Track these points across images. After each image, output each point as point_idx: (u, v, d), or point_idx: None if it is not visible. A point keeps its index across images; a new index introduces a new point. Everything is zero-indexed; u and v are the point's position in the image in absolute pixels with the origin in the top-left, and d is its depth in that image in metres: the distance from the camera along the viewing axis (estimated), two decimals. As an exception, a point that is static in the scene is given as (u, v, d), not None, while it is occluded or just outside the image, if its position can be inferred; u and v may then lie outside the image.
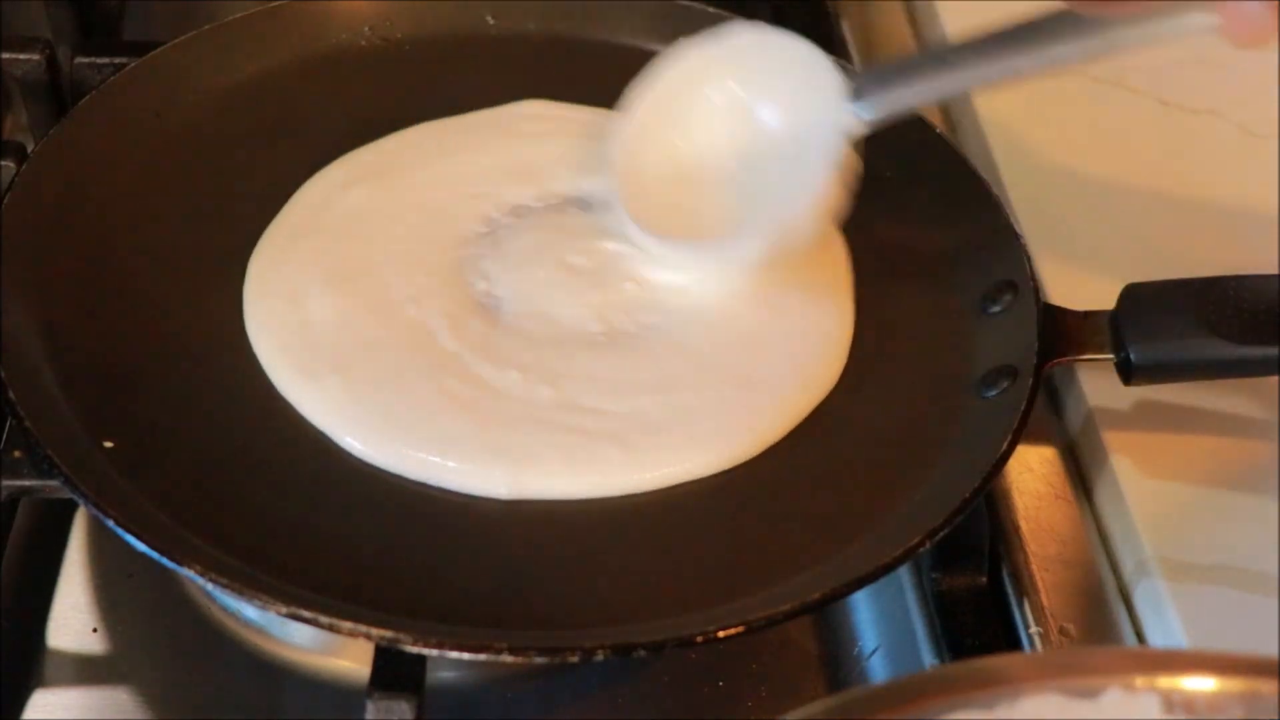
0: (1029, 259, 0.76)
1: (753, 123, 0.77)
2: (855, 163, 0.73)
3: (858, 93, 0.72)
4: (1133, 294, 0.72)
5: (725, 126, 0.77)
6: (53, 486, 0.65)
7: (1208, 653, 0.56)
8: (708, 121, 0.77)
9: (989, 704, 0.48)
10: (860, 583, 0.63)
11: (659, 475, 0.68)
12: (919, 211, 0.81)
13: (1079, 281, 0.79)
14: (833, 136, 0.72)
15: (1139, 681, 0.49)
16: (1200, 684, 0.49)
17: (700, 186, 0.77)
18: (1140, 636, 0.70)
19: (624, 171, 0.77)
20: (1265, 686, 0.49)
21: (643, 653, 0.61)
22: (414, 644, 0.59)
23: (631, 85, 0.79)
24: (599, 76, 0.86)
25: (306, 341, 0.71)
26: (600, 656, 0.60)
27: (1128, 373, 0.71)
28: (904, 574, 0.75)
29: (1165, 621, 0.69)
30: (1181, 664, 0.50)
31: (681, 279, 0.75)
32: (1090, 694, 0.49)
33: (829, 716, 0.48)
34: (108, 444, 0.66)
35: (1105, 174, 0.90)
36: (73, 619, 0.74)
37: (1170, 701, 0.49)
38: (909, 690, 0.49)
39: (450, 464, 0.67)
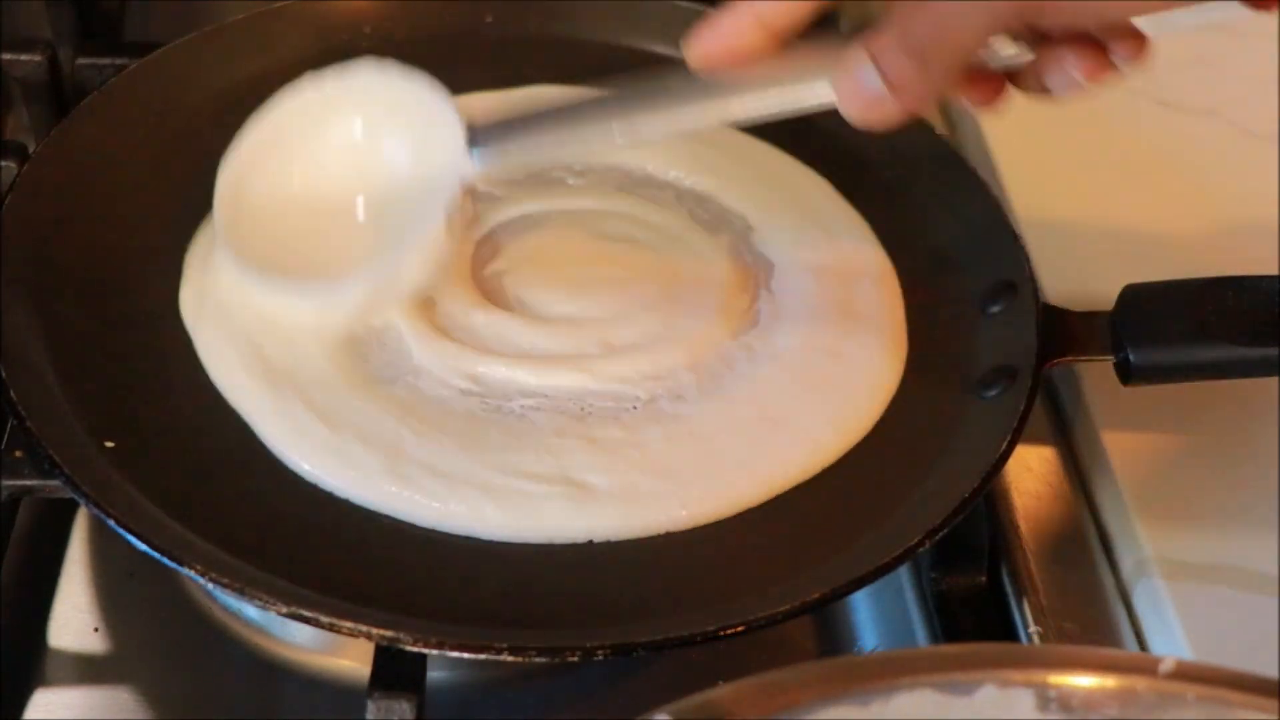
0: (1029, 259, 0.76)
1: (374, 162, 0.75)
2: (469, 209, 0.74)
3: (475, 140, 0.70)
4: (1132, 294, 0.72)
5: (344, 164, 0.75)
6: (53, 486, 0.65)
7: (1083, 650, 0.57)
8: (326, 157, 0.75)
9: (864, 700, 0.48)
10: (860, 583, 0.63)
11: (668, 521, 0.68)
12: (919, 212, 0.81)
13: (1079, 281, 0.79)
14: (451, 182, 0.71)
15: (1014, 677, 0.49)
16: (1075, 680, 0.49)
17: (317, 224, 0.74)
18: (1139, 636, 0.70)
19: (227, 203, 0.73)
20: (1140, 684, 0.49)
21: (642, 653, 0.61)
22: (414, 644, 0.59)
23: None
24: (599, 77, 0.87)
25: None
26: (600, 656, 0.60)
27: (1127, 373, 0.71)
28: (903, 574, 0.75)
29: (1164, 621, 0.69)
30: (1056, 661, 0.50)
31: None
32: (965, 690, 0.49)
33: (701, 715, 0.48)
34: (108, 444, 0.66)
35: (1105, 174, 0.90)
36: (73, 619, 0.74)
37: (1045, 698, 0.49)
38: (781, 686, 0.49)
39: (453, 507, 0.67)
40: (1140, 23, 0.64)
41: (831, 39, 0.64)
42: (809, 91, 0.64)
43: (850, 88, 0.62)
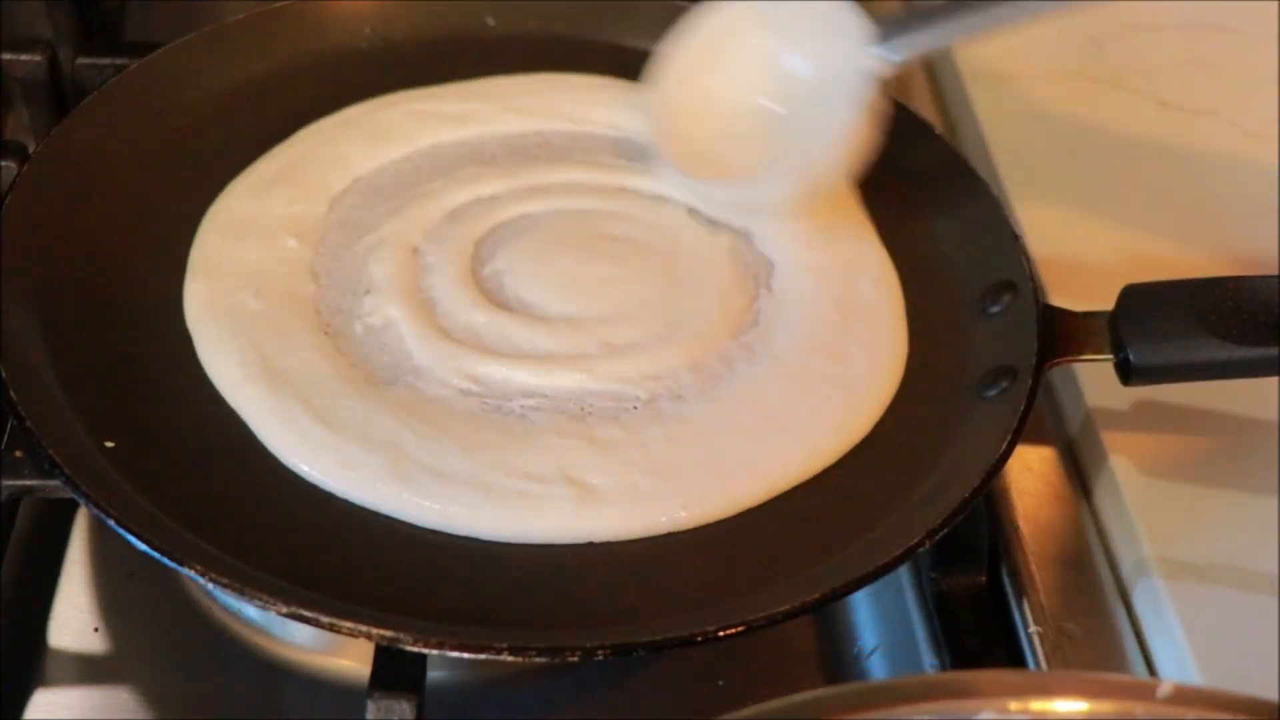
0: (1029, 259, 0.76)
1: (783, 70, 0.80)
2: (884, 105, 0.76)
3: (882, 36, 0.75)
4: (1132, 294, 0.72)
5: (758, 74, 0.80)
6: (53, 486, 0.65)
7: (1081, 675, 0.57)
8: (740, 70, 0.81)
9: None
10: (860, 582, 0.63)
11: (665, 522, 0.68)
12: (919, 212, 0.81)
13: (1079, 281, 0.79)
14: (858, 80, 0.75)
15: (1012, 705, 0.49)
16: (1072, 707, 0.49)
17: (736, 132, 0.80)
18: (1139, 636, 0.70)
19: (662, 118, 0.80)
20: (1138, 709, 0.49)
21: (642, 653, 0.61)
22: (414, 644, 0.59)
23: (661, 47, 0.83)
24: (600, 78, 0.87)
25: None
26: (600, 656, 0.60)
27: (1127, 373, 0.71)
28: (903, 573, 0.75)
29: (1164, 621, 0.69)
30: (1053, 687, 0.50)
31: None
32: (964, 718, 0.49)
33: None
34: (108, 444, 0.66)
35: (1105, 174, 0.90)
36: (74, 618, 0.74)
37: None
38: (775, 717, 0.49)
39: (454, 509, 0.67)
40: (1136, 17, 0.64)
41: None
42: None
43: None
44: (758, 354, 0.73)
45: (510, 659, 0.59)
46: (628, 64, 0.86)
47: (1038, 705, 0.49)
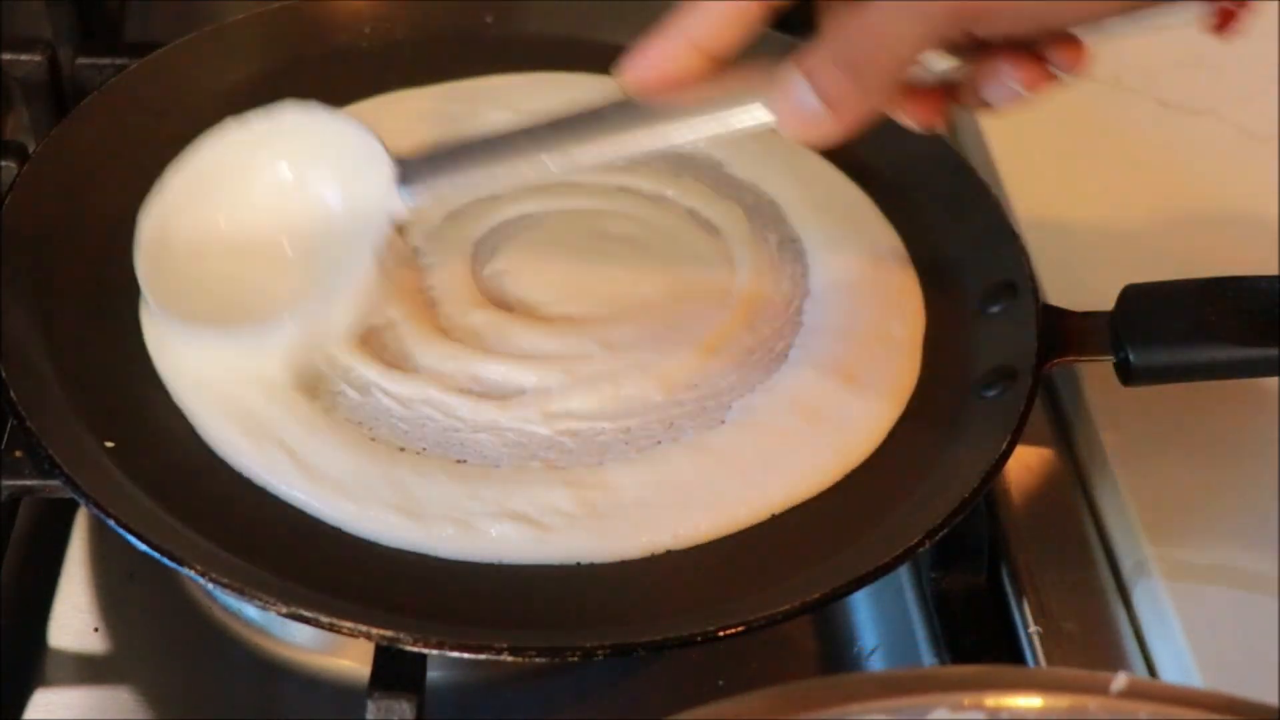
0: (1029, 259, 0.76)
1: (302, 203, 0.73)
2: (402, 246, 0.73)
3: (404, 178, 0.70)
4: (1132, 295, 0.72)
5: (271, 205, 0.73)
6: (53, 486, 0.65)
7: (1033, 671, 0.56)
8: (252, 199, 0.73)
9: None
10: (860, 582, 0.63)
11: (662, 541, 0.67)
12: (919, 212, 0.81)
13: (1079, 281, 0.79)
14: (379, 221, 0.70)
15: (966, 700, 0.49)
16: (1027, 702, 0.49)
17: (245, 268, 0.73)
18: (1139, 636, 0.70)
19: (150, 252, 0.71)
20: (1092, 703, 0.49)
21: (642, 653, 0.61)
22: (414, 644, 0.59)
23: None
24: (601, 77, 0.87)
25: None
26: (600, 656, 0.60)
27: (1127, 373, 0.71)
28: (903, 573, 0.75)
29: (1164, 621, 0.69)
30: (1007, 682, 0.50)
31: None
32: (917, 714, 0.49)
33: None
34: (108, 444, 0.66)
35: (1105, 174, 0.90)
36: (74, 619, 0.74)
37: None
38: (730, 713, 0.48)
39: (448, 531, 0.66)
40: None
41: (767, 58, 0.63)
42: (747, 113, 0.63)
43: (787, 107, 0.60)
44: (772, 379, 0.73)
45: (510, 659, 0.59)
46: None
47: (991, 701, 0.49)
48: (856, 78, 0.59)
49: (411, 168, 0.70)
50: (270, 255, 0.73)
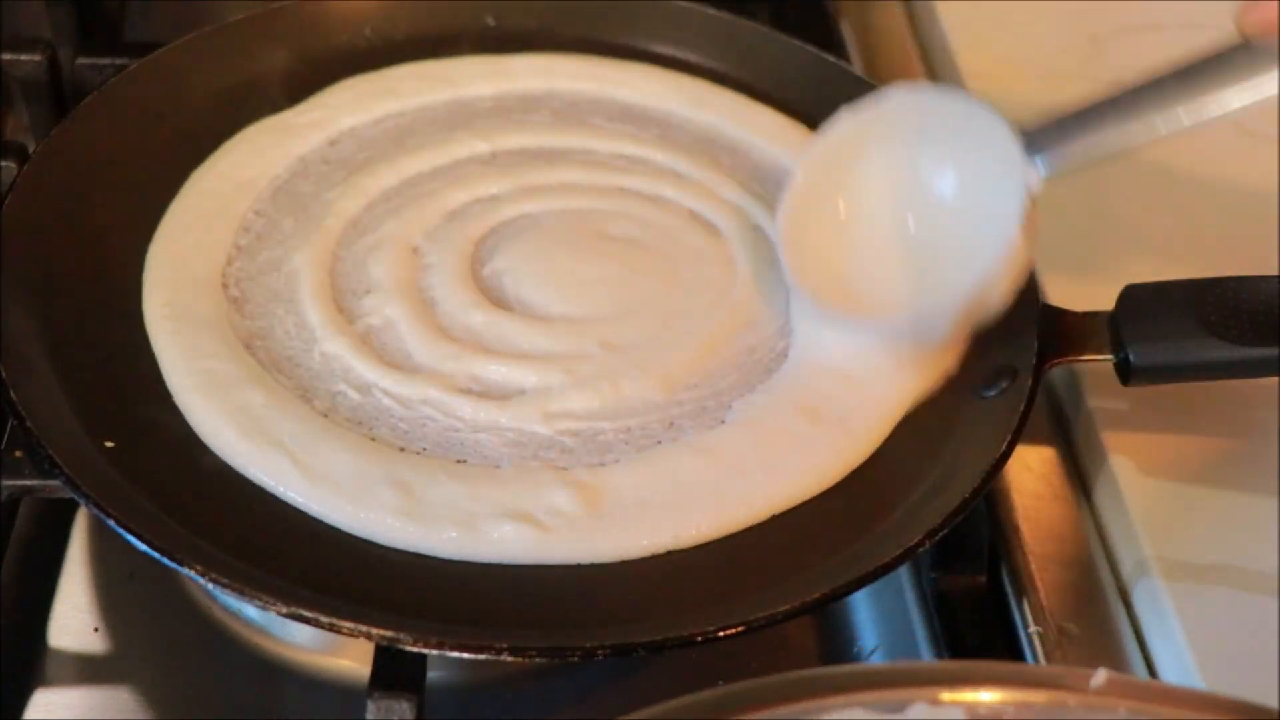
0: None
1: (924, 188, 0.74)
2: (1037, 218, 0.70)
3: (1034, 146, 0.69)
4: (1132, 294, 0.72)
5: (893, 193, 0.74)
6: (53, 486, 0.65)
7: (1012, 666, 0.56)
8: (874, 188, 0.75)
9: None
10: (860, 583, 0.63)
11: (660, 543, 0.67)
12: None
13: (1079, 281, 0.79)
14: (1015, 197, 0.69)
15: (944, 695, 0.49)
16: (1005, 696, 0.49)
17: (867, 256, 0.74)
18: (1139, 636, 0.70)
19: (790, 242, 0.75)
20: (1070, 699, 0.49)
21: (643, 653, 0.61)
22: (414, 644, 0.59)
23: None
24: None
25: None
26: (600, 656, 0.60)
27: (1127, 373, 0.71)
28: (903, 573, 0.75)
29: (1164, 621, 0.69)
30: (986, 678, 0.50)
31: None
32: (895, 709, 0.49)
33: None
34: (108, 444, 0.66)
35: (1105, 174, 0.90)
36: (74, 619, 0.74)
37: (975, 715, 0.49)
38: (708, 706, 0.49)
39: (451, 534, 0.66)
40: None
41: None
42: None
43: None
44: (772, 378, 0.73)
45: (510, 659, 0.59)
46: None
47: (969, 696, 0.49)
48: None
49: (1038, 136, 0.69)
50: (894, 241, 0.74)
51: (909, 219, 0.74)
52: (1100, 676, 0.49)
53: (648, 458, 0.69)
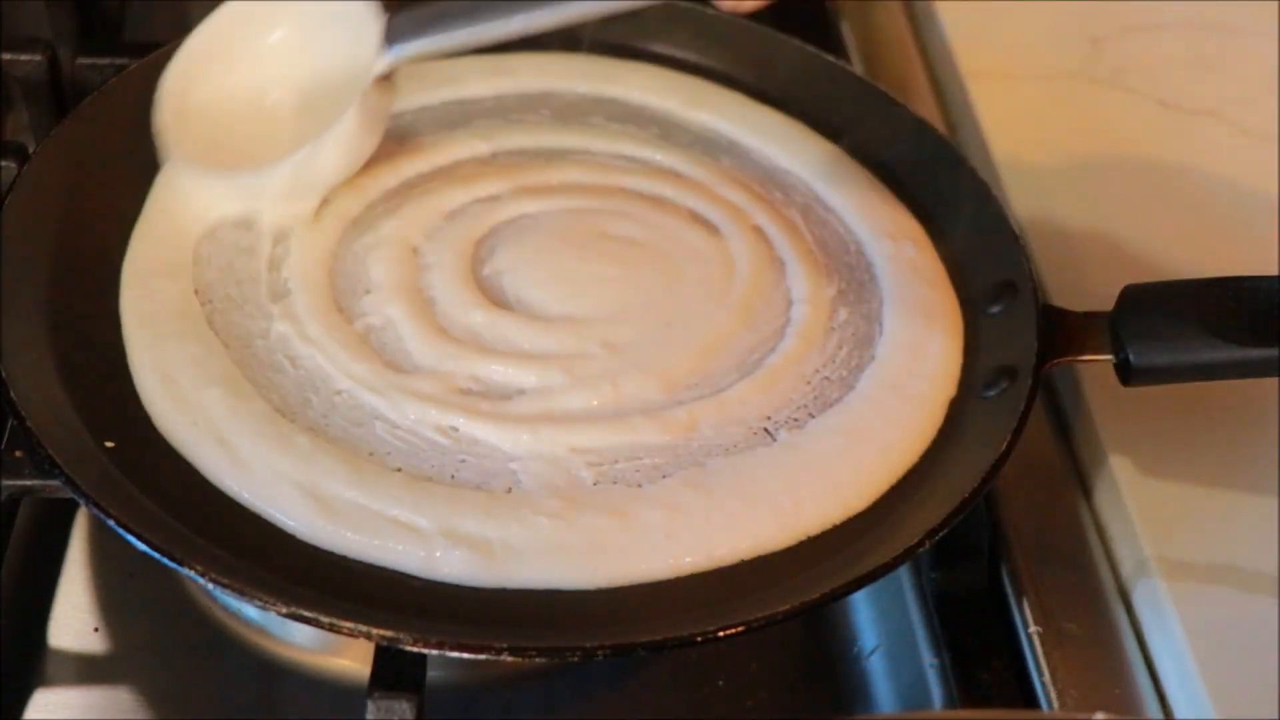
0: (1029, 259, 0.76)
1: (302, 63, 0.79)
2: (382, 101, 0.76)
3: (391, 37, 0.74)
4: (1132, 295, 0.72)
5: (276, 66, 0.80)
6: (53, 486, 0.65)
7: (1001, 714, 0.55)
8: (259, 61, 0.80)
9: None
10: (860, 583, 0.63)
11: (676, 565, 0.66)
12: (919, 212, 0.81)
13: (1079, 281, 0.79)
14: (363, 77, 0.74)
15: None
16: None
17: (253, 124, 0.79)
18: (1139, 636, 0.70)
19: (169, 107, 0.78)
20: None
21: (643, 653, 0.61)
22: (414, 644, 0.59)
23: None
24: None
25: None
26: (600, 656, 0.60)
27: (1127, 374, 0.71)
28: (904, 574, 0.75)
29: (1164, 621, 0.69)
30: None
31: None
32: None
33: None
34: (108, 444, 0.66)
35: (1105, 174, 0.90)
36: (74, 619, 0.74)
37: None
38: None
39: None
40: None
41: None
42: None
43: None
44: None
45: (510, 659, 0.59)
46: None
47: None
48: None
49: (397, 27, 0.74)
50: (273, 110, 0.79)
51: (292, 89, 0.80)
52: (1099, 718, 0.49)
53: (662, 487, 0.67)
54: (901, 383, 0.72)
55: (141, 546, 0.61)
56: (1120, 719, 0.51)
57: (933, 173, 0.82)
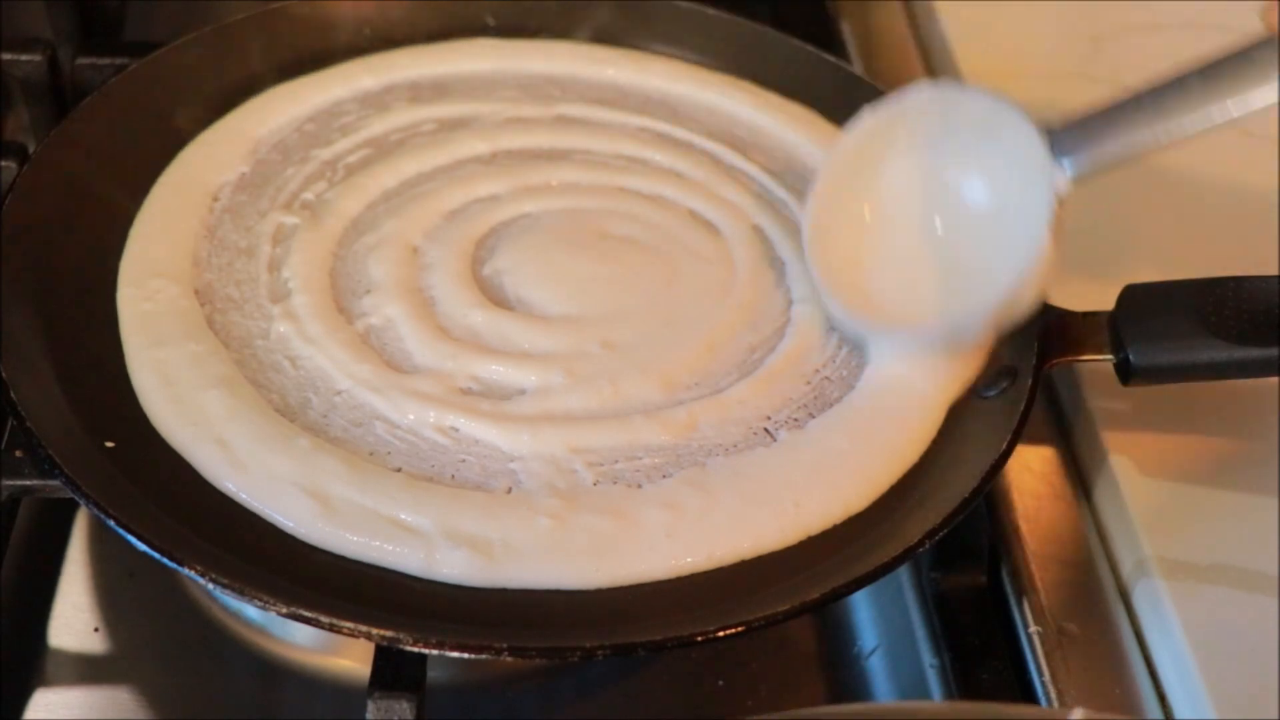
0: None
1: (949, 191, 0.73)
2: (1064, 219, 0.68)
3: (1061, 148, 0.68)
4: (1132, 295, 0.72)
5: (918, 196, 0.73)
6: (53, 486, 0.65)
7: (986, 706, 0.57)
8: (898, 191, 0.73)
9: None
10: (860, 582, 0.63)
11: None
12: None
13: (1079, 281, 0.79)
14: (1042, 199, 0.67)
15: None
16: None
17: (894, 261, 0.73)
18: (1139, 635, 0.70)
19: (817, 249, 0.74)
20: None
21: (643, 653, 0.61)
22: (414, 644, 0.59)
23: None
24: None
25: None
26: (600, 656, 0.60)
27: (1127, 374, 0.71)
28: (904, 574, 0.75)
29: (1164, 621, 0.69)
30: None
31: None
32: None
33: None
34: (108, 444, 0.66)
35: (1105, 174, 0.90)
36: (74, 618, 0.74)
37: None
38: None
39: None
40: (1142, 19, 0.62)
41: None
42: None
43: None
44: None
45: (510, 659, 0.59)
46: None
47: None
48: None
49: (1065, 137, 0.68)
50: (922, 241, 0.72)
51: (935, 222, 0.73)
52: (1077, 715, 0.48)
53: (662, 488, 0.67)
54: (902, 383, 0.72)
55: (141, 546, 0.61)
56: (1099, 715, 0.50)
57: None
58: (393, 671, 0.62)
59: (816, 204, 0.75)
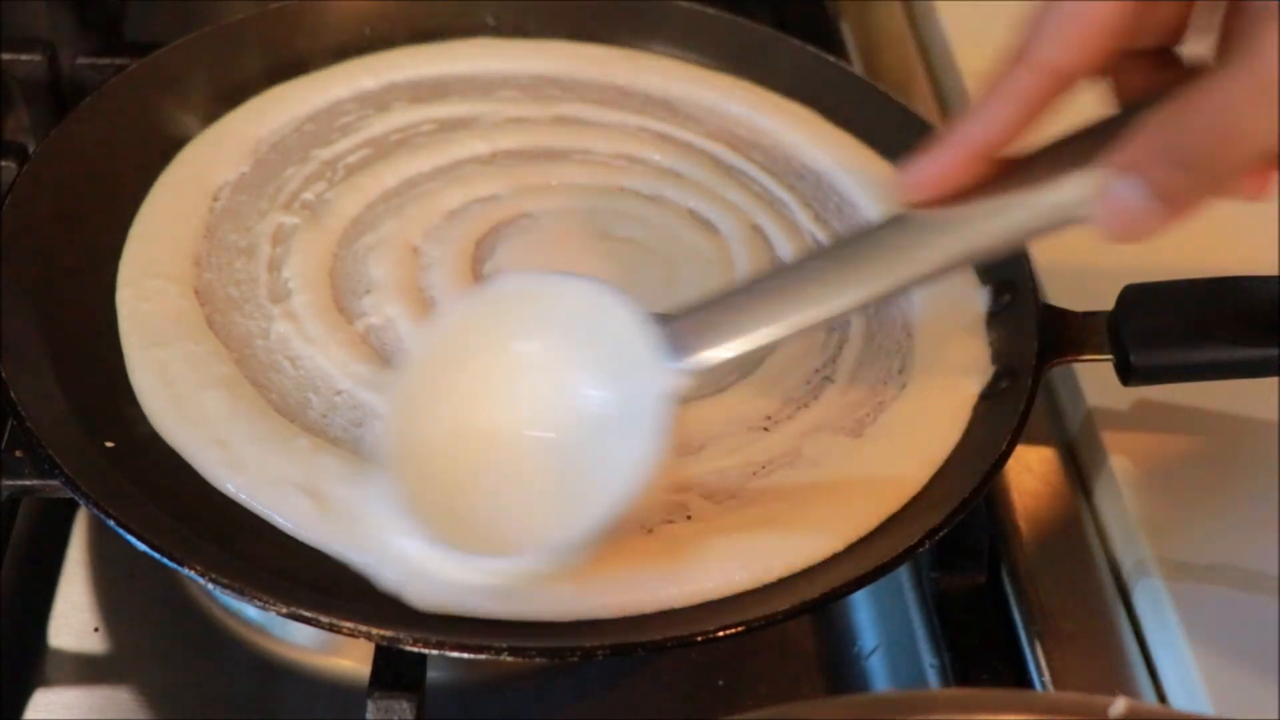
0: (1029, 259, 0.76)
1: (552, 392, 0.63)
2: (675, 425, 0.60)
3: (675, 345, 0.61)
4: (1132, 294, 0.72)
5: (515, 393, 0.64)
6: (53, 486, 0.65)
7: (1029, 693, 0.58)
8: (492, 397, 0.64)
9: None
10: (860, 582, 0.63)
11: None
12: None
13: (1079, 281, 0.79)
14: (657, 402, 0.60)
15: None
16: None
17: (487, 478, 0.63)
18: (1139, 636, 0.70)
19: (396, 470, 0.62)
20: None
21: (642, 653, 0.61)
22: (414, 644, 0.59)
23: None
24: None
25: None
26: (600, 656, 0.60)
27: (1126, 373, 0.71)
28: (903, 574, 0.75)
29: (1164, 621, 0.69)
30: (1002, 705, 0.49)
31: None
32: None
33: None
34: (108, 444, 0.66)
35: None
36: (74, 618, 0.74)
37: None
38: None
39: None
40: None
41: (1041, 158, 0.59)
42: (1049, 215, 0.58)
43: (1110, 208, 0.56)
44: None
45: (510, 659, 0.59)
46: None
47: None
48: (1198, 174, 0.54)
49: (677, 334, 0.61)
50: (522, 450, 0.63)
51: (536, 431, 0.63)
52: (1120, 706, 0.48)
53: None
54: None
55: (141, 546, 0.61)
56: (1142, 703, 0.50)
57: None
58: (393, 671, 0.62)
59: (397, 415, 0.64)
